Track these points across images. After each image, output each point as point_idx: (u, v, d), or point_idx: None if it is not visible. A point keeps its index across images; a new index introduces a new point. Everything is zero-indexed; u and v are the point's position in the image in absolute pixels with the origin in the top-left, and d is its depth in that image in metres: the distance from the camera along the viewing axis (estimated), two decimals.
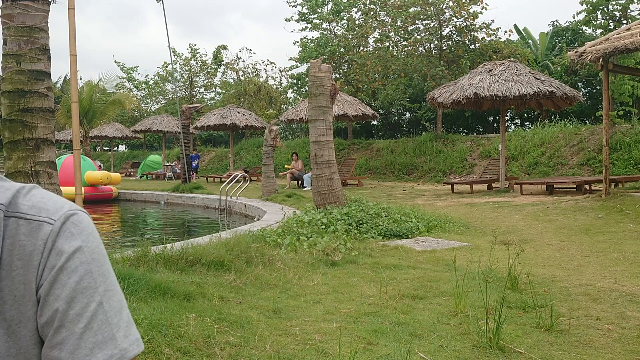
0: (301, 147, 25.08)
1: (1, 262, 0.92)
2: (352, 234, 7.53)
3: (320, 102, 9.24)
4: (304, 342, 3.40)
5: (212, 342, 3.18)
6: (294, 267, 5.57)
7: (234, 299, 4.35)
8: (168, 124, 28.64)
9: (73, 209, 0.96)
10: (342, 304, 4.38)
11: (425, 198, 13.71)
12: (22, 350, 0.94)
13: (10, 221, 0.93)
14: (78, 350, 0.89)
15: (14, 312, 0.93)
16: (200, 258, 5.21)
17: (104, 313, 0.92)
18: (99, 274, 0.94)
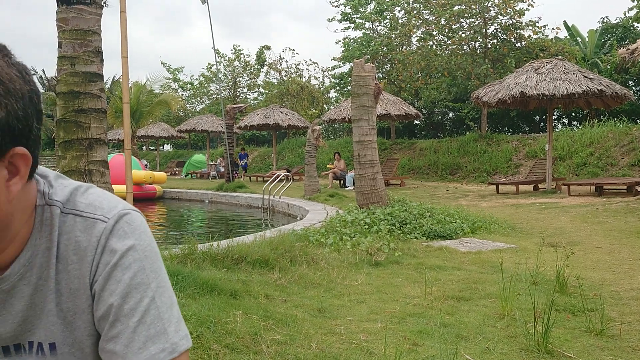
0: (343, 147, 25.08)
1: (58, 257, 0.97)
2: (396, 234, 7.50)
3: (363, 102, 9.24)
4: (349, 341, 3.42)
5: (259, 340, 3.23)
6: (337, 267, 5.59)
7: (279, 298, 4.39)
8: (212, 124, 29.06)
9: (127, 209, 0.99)
10: (386, 304, 4.38)
11: (469, 198, 13.54)
12: (77, 340, 0.99)
13: (67, 218, 0.97)
14: (132, 343, 0.93)
15: (70, 304, 0.97)
16: (246, 256, 5.28)
17: (157, 308, 0.95)
18: (151, 271, 0.97)
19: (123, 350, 0.93)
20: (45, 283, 0.96)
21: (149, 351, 0.93)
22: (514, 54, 22.51)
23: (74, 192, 1.00)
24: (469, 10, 22.67)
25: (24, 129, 0.86)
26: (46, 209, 0.97)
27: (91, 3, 4.39)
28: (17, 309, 0.96)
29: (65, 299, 0.98)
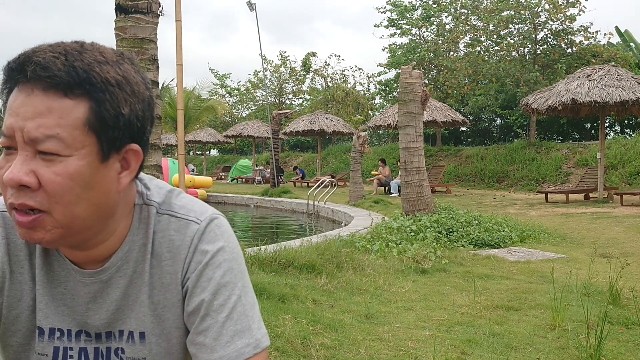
0: (388, 153, 25.00)
1: (153, 253, 1.04)
2: (442, 241, 7.44)
3: (410, 109, 9.21)
4: (397, 348, 3.42)
5: (308, 344, 3.27)
6: (384, 273, 5.59)
7: (326, 303, 4.43)
8: (258, 130, 29.40)
9: (216, 214, 1.07)
10: (434, 312, 4.36)
11: (517, 207, 13.31)
12: (164, 331, 1.06)
13: (162, 217, 1.05)
14: (220, 336, 0.99)
15: (161, 297, 1.05)
16: (293, 261, 5.34)
17: (243, 306, 1.02)
18: (238, 271, 1.05)
19: (212, 343, 0.99)
20: (140, 276, 1.04)
21: (236, 345, 0.99)
22: (565, 60, 22.03)
23: (168, 195, 1.08)
24: (518, 15, 22.33)
25: (141, 128, 0.95)
26: (144, 208, 1.05)
27: (148, 12, 4.53)
28: (112, 298, 1.03)
29: (157, 292, 1.05)
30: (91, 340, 1.04)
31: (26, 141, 0.85)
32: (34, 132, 0.84)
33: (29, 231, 0.90)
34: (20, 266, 1.01)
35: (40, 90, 0.85)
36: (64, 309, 1.03)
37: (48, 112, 0.85)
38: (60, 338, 1.03)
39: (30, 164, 0.86)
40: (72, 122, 0.86)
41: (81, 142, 0.88)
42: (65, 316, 1.03)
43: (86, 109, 0.87)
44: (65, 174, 0.87)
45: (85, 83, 0.86)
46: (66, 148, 0.86)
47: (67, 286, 1.02)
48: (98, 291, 1.03)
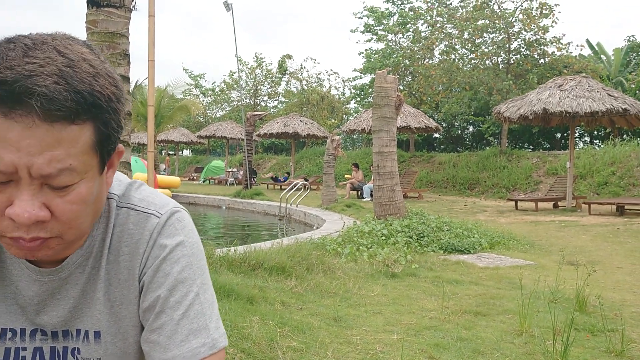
0: (362, 158, 25.07)
1: (111, 248, 0.99)
2: (413, 246, 7.46)
3: (384, 113, 9.23)
4: (365, 351, 3.39)
5: (275, 346, 3.22)
6: (354, 277, 5.57)
7: (295, 305, 4.39)
8: (232, 131, 29.24)
9: (177, 207, 1.03)
10: (403, 316, 4.35)
11: (488, 214, 13.44)
12: (120, 330, 1.01)
13: (121, 211, 1.00)
14: (175, 335, 0.95)
15: (117, 294, 1.00)
16: (263, 263, 5.29)
17: (200, 304, 0.98)
18: (197, 267, 1.00)
19: (166, 341, 0.95)
20: (97, 272, 0.99)
21: (191, 344, 0.95)
22: (537, 70, 22.38)
23: (128, 187, 1.04)
24: (492, 25, 22.61)
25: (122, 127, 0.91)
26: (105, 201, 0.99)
27: (120, 6, 4.44)
28: (70, 295, 0.98)
29: (114, 289, 1.00)
30: (47, 339, 0.99)
31: (34, 177, 0.79)
32: (47, 169, 0.79)
33: (31, 252, 0.86)
34: None
35: (44, 121, 0.77)
36: (16, 308, 0.97)
37: (57, 144, 0.78)
38: (12, 339, 0.97)
39: (39, 197, 0.81)
40: (81, 149, 0.81)
41: (89, 165, 0.84)
42: (17, 315, 0.97)
43: (92, 132, 0.82)
44: (79, 201, 0.84)
45: (92, 107, 0.80)
46: (78, 176, 0.83)
47: (19, 285, 0.96)
48: (56, 289, 0.97)
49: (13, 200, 0.81)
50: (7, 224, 0.83)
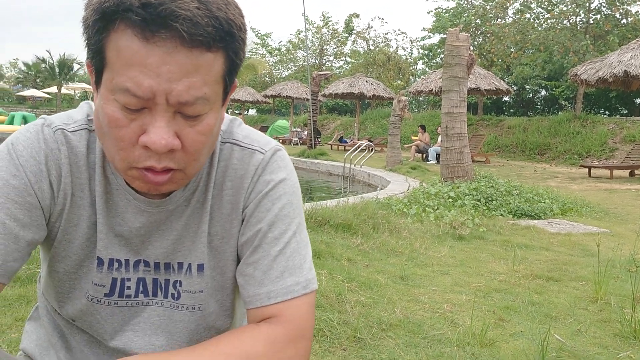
0: (427, 120, 24.63)
1: (215, 182, 0.99)
2: (481, 209, 7.31)
3: (455, 73, 8.97)
4: (433, 310, 3.36)
5: (343, 300, 3.23)
6: (420, 237, 5.51)
7: (362, 262, 4.39)
8: (297, 91, 29.25)
9: (279, 145, 1.03)
10: (471, 277, 4.28)
11: (559, 180, 13.00)
12: (219, 264, 1.02)
13: (225, 146, 1.00)
14: (270, 270, 0.94)
15: (219, 228, 1.00)
16: (329, 220, 5.30)
17: (297, 243, 0.97)
18: (297, 207, 0.99)
19: (261, 276, 0.95)
20: (202, 206, 0.99)
21: (285, 282, 0.94)
22: (618, 31, 21.18)
23: (231, 124, 1.03)
24: None
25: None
26: None
27: None
28: (174, 228, 0.99)
29: (216, 223, 1.00)
30: (150, 270, 1.00)
31: (171, 103, 0.79)
32: (185, 96, 0.79)
33: (156, 186, 0.87)
34: (80, 190, 0.96)
35: (184, 47, 0.76)
36: (121, 240, 0.98)
37: (195, 71, 0.78)
38: (119, 269, 0.99)
39: (172, 125, 0.81)
40: (214, 78, 0.82)
41: (218, 95, 0.85)
42: (122, 246, 0.98)
43: (223, 61, 0.82)
44: (207, 131, 0.85)
45: (226, 35, 0.79)
46: (208, 105, 0.83)
47: (125, 216, 0.97)
48: (161, 221, 0.98)
49: (146, 128, 0.81)
50: (139, 154, 0.83)
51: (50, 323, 1.08)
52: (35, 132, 0.93)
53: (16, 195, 0.89)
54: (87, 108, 1.00)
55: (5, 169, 0.89)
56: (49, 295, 1.05)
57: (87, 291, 0.99)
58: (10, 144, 0.92)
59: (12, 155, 0.90)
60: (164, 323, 1.02)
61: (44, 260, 1.04)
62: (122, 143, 0.82)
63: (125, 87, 0.77)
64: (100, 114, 0.83)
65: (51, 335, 1.08)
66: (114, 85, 0.79)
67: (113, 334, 1.02)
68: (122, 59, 0.77)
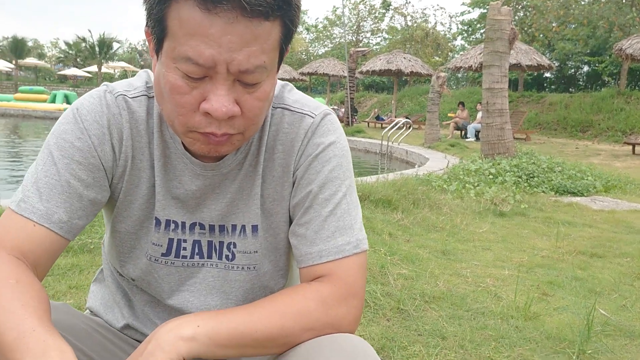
0: (466, 97, 24.26)
1: (267, 146, 1.02)
2: (522, 186, 7.23)
3: (497, 47, 8.81)
4: (476, 284, 3.38)
5: (386, 272, 3.27)
6: (461, 213, 5.50)
7: (402, 237, 4.41)
8: (334, 68, 29.11)
9: (329, 110, 1.05)
10: (513, 253, 4.27)
11: (602, 157, 12.73)
12: (272, 226, 1.05)
13: (276, 111, 1.03)
14: (322, 230, 0.97)
15: (271, 190, 1.03)
16: (369, 195, 5.32)
17: (347, 204, 0.99)
18: (346, 169, 1.02)
19: (312, 236, 0.98)
20: (254, 169, 1.03)
21: (337, 241, 0.97)
22: None
23: (281, 89, 1.06)
24: None
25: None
26: None
27: None
28: (228, 191, 1.03)
29: (268, 186, 1.04)
30: (205, 233, 1.04)
31: (231, 72, 0.82)
32: (245, 65, 0.82)
33: (216, 148, 0.91)
34: (140, 152, 1.00)
35: (244, 16, 0.79)
36: (178, 202, 1.03)
37: (254, 40, 0.81)
38: (175, 230, 1.03)
39: (232, 93, 0.85)
40: (271, 46, 0.84)
41: (274, 62, 0.88)
42: (179, 209, 1.03)
43: (280, 29, 0.85)
44: (264, 97, 0.88)
45: (283, 4, 0.82)
46: (265, 72, 0.86)
47: (182, 180, 1.01)
48: (216, 184, 1.02)
49: (207, 96, 0.85)
50: (199, 120, 0.87)
51: (113, 283, 1.15)
52: (98, 98, 0.98)
53: (80, 156, 0.95)
54: (145, 76, 1.04)
55: (70, 132, 0.95)
56: (111, 257, 1.11)
57: (146, 250, 1.05)
58: (75, 109, 0.97)
59: (77, 119, 0.96)
60: (218, 284, 1.06)
61: (107, 223, 1.10)
62: (183, 109, 0.86)
63: (187, 56, 0.81)
64: (162, 81, 0.87)
65: (115, 294, 1.14)
66: (176, 54, 0.82)
67: (170, 294, 1.07)
68: (184, 28, 0.80)
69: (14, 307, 0.80)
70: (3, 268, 0.86)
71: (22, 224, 0.91)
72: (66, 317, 0.98)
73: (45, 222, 0.92)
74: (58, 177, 0.93)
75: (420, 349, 2.38)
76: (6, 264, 0.87)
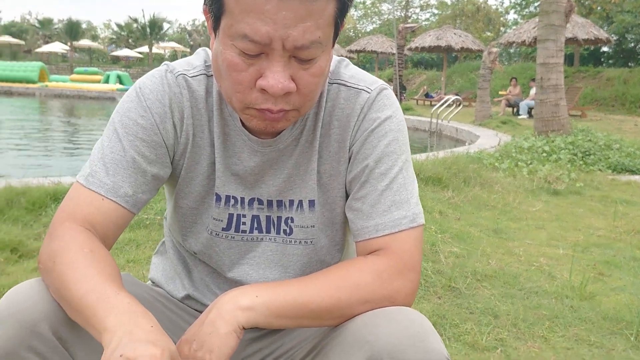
0: (518, 73, 23.60)
1: (323, 122, 1.02)
2: (577, 164, 7.02)
3: (552, 20, 8.51)
4: (529, 263, 3.32)
5: (437, 250, 3.25)
6: (513, 192, 5.39)
7: (453, 215, 4.36)
8: (382, 45, 28.78)
9: (385, 84, 1.04)
10: (568, 232, 4.16)
11: None
12: (329, 201, 1.06)
13: (332, 87, 1.03)
14: (378, 205, 0.98)
15: (327, 166, 1.04)
16: (419, 173, 5.27)
17: (404, 178, 1.00)
18: (403, 143, 1.02)
19: (369, 209, 0.98)
20: (310, 145, 1.04)
21: (393, 215, 0.97)
22: None
23: (338, 65, 1.07)
24: None
25: None
26: None
27: None
28: (285, 166, 1.04)
29: (324, 161, 1.05)
30: (263, 208, 1.06)
31: (287, 48, 0.83)
32: (301, 41, 0.82)
33: (272, 124, 0.92)
34: (201, 130, 1.03)
35: None
36: (237, 178, 1.05)
37: (308, 15, 0.81)
38: (235, 205, 1.06)
39: (288, 69, 0.86)
40: (326, 21, 0.84)
41: (329, 38, 0.88)
42: (238, 185, 1.05)
43: (335, 4, 0.85)
44: (319, 73, 0.89)
45: None
46: (321, 48, 0.86)
47: (240, 157, 1.03)
48: (273, 160, 1.04)
49: (263, 72, 0.85)
50: (256, 96, 0.88)
51: (175, 255, 1.18)
52: (160, 77, 1.01)
53: (144, 134, 0.98)
54: (204, 55, 1.06)
55: (134, 110, 0.98)
56: (174, 230, 1.15)
57: (207, 225, 1.07)
58: (138, 88, 1.00)
59: (140, 98, 0.99)
60: (276, 257, 1.08)
61: (169, 199, 1.13)
62: (240, 86, 0.87)
63: (243, 33, 0.82)
64: (219, 58, 0.88)
65: (176, 266, 1.18)
66: (232, 31, 0.83)
67: (231, 266, 1.10)
68: (241, 5, 0.81)
69: (92, 273, 0.84)
70: (78, 238, 0.90)
71: (91, 197, 0.95)
72: (131, 287, 1.01)
73: (112, 196, 0.95)
74: (123, 153, 0.96)
75: (472, 326, 2.36)
76: (80, 234, 0.91)
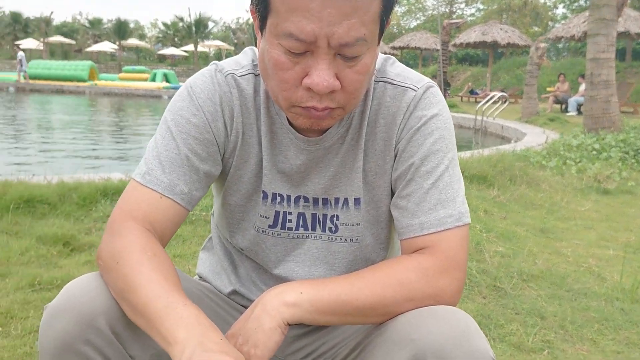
0: (567, 69, 23.01)
1: (369, 120, 1.02)
2: (629, 162, 6.80)
3: (603, 14, 8.26)
4: (577, 264, 3.23)
5: (482, 249, 3.20)
6: (561, 190, 5.27)
7: (498, 214, 4.29)
8: (426, 41, 28.49)
9: (432, 82, 1.03)
10: (618, 232, 4.05)
11: None
12: (374, 199, 1.06)
13: (378, 85, 1.03)
14: (423, 203, 0.97)
15: (373, 164, 1.04)
16: (464, 171, 5.19)
17: (449, 177, 0.98)
18: (449, 142, 1.00)
19: (414, 208, 0.98)
20: (356, 143, 1.04)
21: (438, 213, 0.96)
22: None
23: (384, 62, 1.06)
24: None
25: None
26: None
27: None
28: (331, 164, 1.05)
29: (370, 160, 1.05)
30: (309, 206, 1.07)
31: (332, 46, 0.83)
32: (346, 38, 0.83)
33: (318, 121, 0.92)
34: (249, 129, 1.04)
35: None
36: (283, 176, 1.05)
37: (353, 12, 0.81)
38: (281, 203, 1.07)
39: (333, 67, 0.86)
40: (371, 18, 0.85)
41: (374, 35, 0.88)
42: (285, 183, 1.06)
43: (379, 1, 0.85)
44: (364, 71, 0.89)
45: None
46: (366, 46, 0.86)
47: (287, 155, 1.04)
48: (319, 158, 1.04)
49: (308, 71, 0.86)
50: (302, 94, 0.88)
51: (222, 251, 1.20)
52: (210, 77, 1.03)
53: (196, 132, 0.99)
54: (251, 54, 1.07)
55: (186, 108, 1.00)
56: (221, 227, 1.16)
57: (254, 222, 1.09)
58: (189, 87, 1.02)
59: (192, 97, 1.01)
60: (322, 255, 1.09)
61: (217, 196, 1.15)
62: (286, 85, 0.88)
63: (289, 32, 0.82)
64: (266, 57, 0.89)
65: (223, 261, 1.20)
66: (278, 30, 0.84)
67: (277, 263, 1.11)
68: (286, 4, 0.81)
69: (157, 278, 0.85)
70: (140, 241, 0.91)
71: (149, 195, 0.97)
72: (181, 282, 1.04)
73: (169, 194, 0.97)
74: (177, 151, 0.98)
75: (517, 327, 2.32)
76: (142, 235, 0.92)
